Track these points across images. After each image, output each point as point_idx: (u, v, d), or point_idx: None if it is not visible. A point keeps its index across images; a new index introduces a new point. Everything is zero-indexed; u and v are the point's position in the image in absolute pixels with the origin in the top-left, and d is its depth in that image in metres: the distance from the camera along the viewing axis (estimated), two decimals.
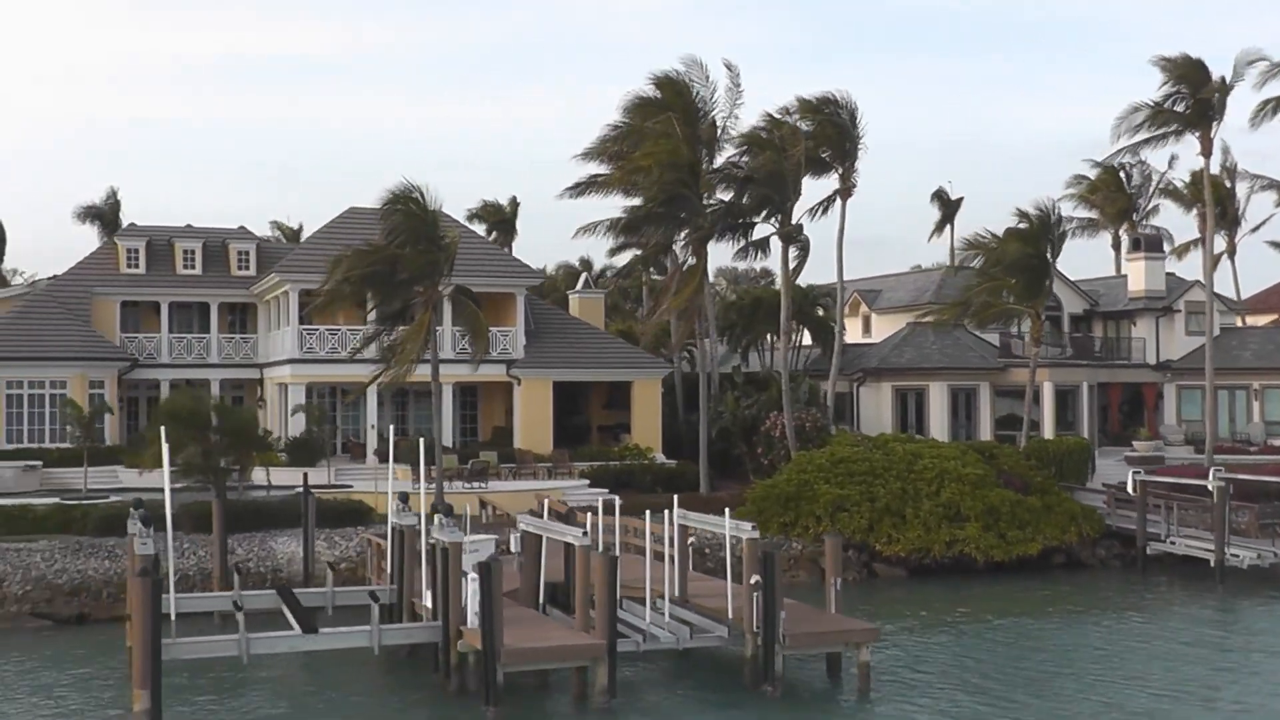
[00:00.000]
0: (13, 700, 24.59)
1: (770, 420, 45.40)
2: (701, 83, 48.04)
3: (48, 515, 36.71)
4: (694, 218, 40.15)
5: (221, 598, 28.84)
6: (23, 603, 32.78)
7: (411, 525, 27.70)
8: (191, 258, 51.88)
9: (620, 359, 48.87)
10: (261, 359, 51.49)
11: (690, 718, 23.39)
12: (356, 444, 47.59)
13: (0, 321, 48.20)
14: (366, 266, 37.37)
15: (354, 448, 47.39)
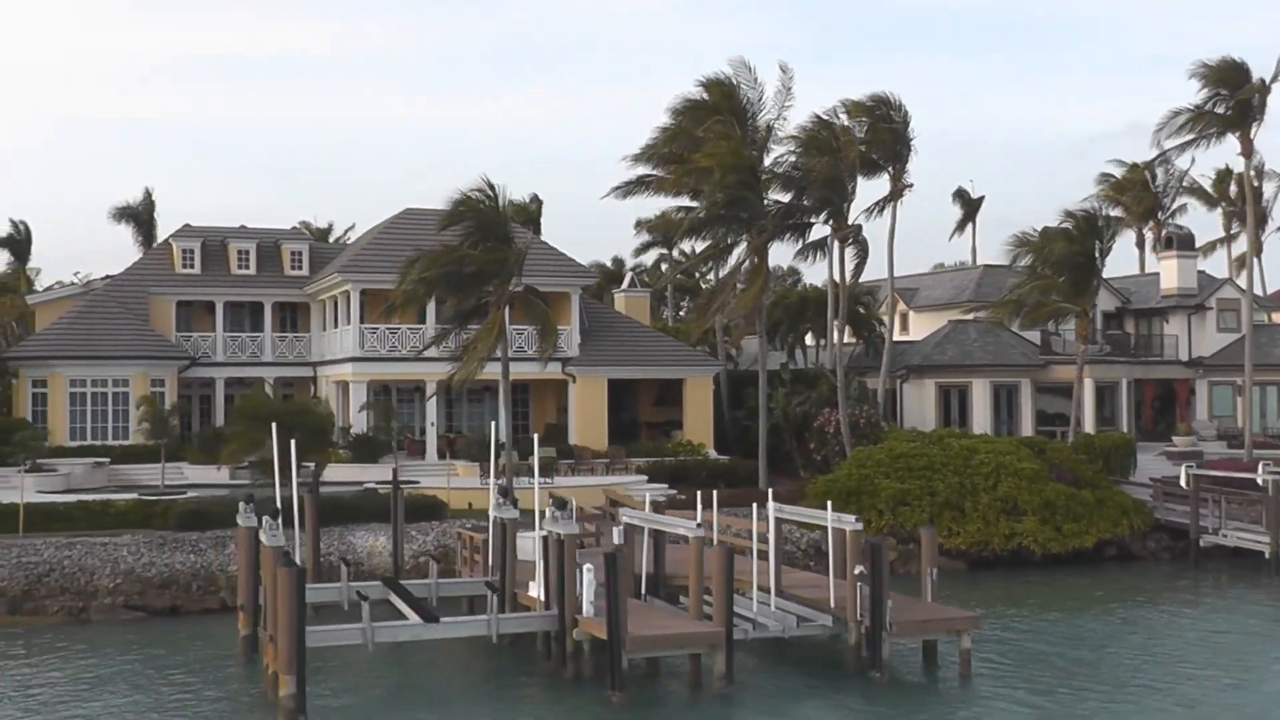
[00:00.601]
0: (147, 690, 25.28)
1: (823, 416, 46.20)
2: (750, 85, 48.93)
3: (128, 511, 37.37)
4: (756, 219, 40.89)
5: (326, 589, 29.53)
6: (115, 595, 33.47)
7: (513, 518, 28.46)
8: (246, 258, 52.55)
9: (672, 357, 49.68)
10: (315, 357, 52.18)
11: (805, 703, 24.13)
12: (414, 441, 48.26)
13: (63, 320, 48.83)
14: (440, 267, 38.04)
15: (411, 444, 48.07)
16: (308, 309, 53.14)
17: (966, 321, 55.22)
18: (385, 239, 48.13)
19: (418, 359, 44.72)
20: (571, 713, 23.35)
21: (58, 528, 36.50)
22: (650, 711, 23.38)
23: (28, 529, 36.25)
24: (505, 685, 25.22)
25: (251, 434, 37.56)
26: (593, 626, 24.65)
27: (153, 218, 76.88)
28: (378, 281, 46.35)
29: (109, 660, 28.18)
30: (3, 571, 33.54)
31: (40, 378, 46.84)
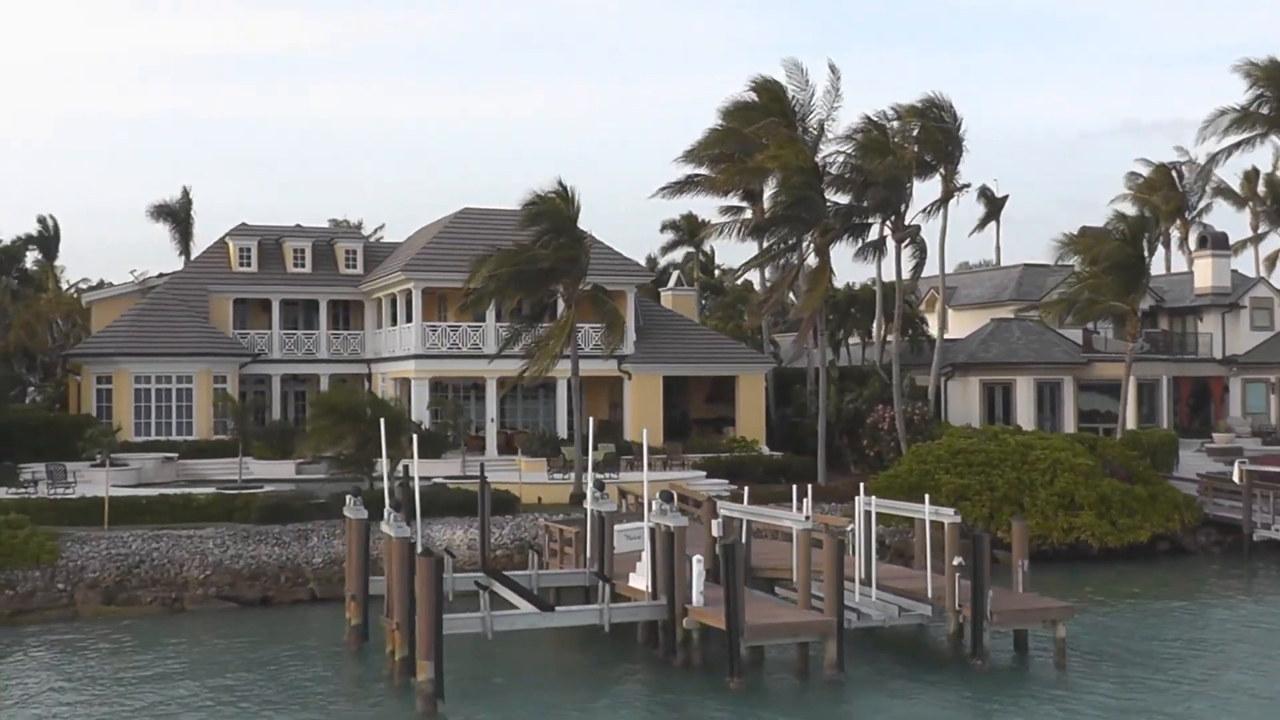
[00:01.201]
0: (272, 678, 26.04)
1: (877, 413, 46.98)
2: (799, 87, 49.77)
3: (209, 504, 38.08)
4: (819, 219, 41.68)
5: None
6: (206, 586, 34.21)
7: (610, 510, 29.25)
8: (302, 256, 53.27)
9: (726, 354, 50.49)
10: (369, 354, 52.90)
11: (912, 689, 24.92)
12: (473, 437, 48.95)
13: (126, 318, 49.53)
14: (512, 265, 38.80)
15: (471, 440, 48.76)
16: (361, 306, 53.87)
17: (1009, 320, 56.04)
18: (446, 238, 48.85)
19: (478, 356, 45.60)
20: (691, 698, 24.09)
21: (141, 520, 37.22)
22: (768, 697, 24.13)
23: (111, 522, 36.97)
24: (617, 672, 25.98)
25: (333, 429, 38.37)
26: (703, 615, 25.44)
27: (189, 216, 77.58)
28: (439, 280, 47.18)
29: (220, 649, 29.00)
30: (94, 563, 34.27)
31: (105, 374, 47.50)
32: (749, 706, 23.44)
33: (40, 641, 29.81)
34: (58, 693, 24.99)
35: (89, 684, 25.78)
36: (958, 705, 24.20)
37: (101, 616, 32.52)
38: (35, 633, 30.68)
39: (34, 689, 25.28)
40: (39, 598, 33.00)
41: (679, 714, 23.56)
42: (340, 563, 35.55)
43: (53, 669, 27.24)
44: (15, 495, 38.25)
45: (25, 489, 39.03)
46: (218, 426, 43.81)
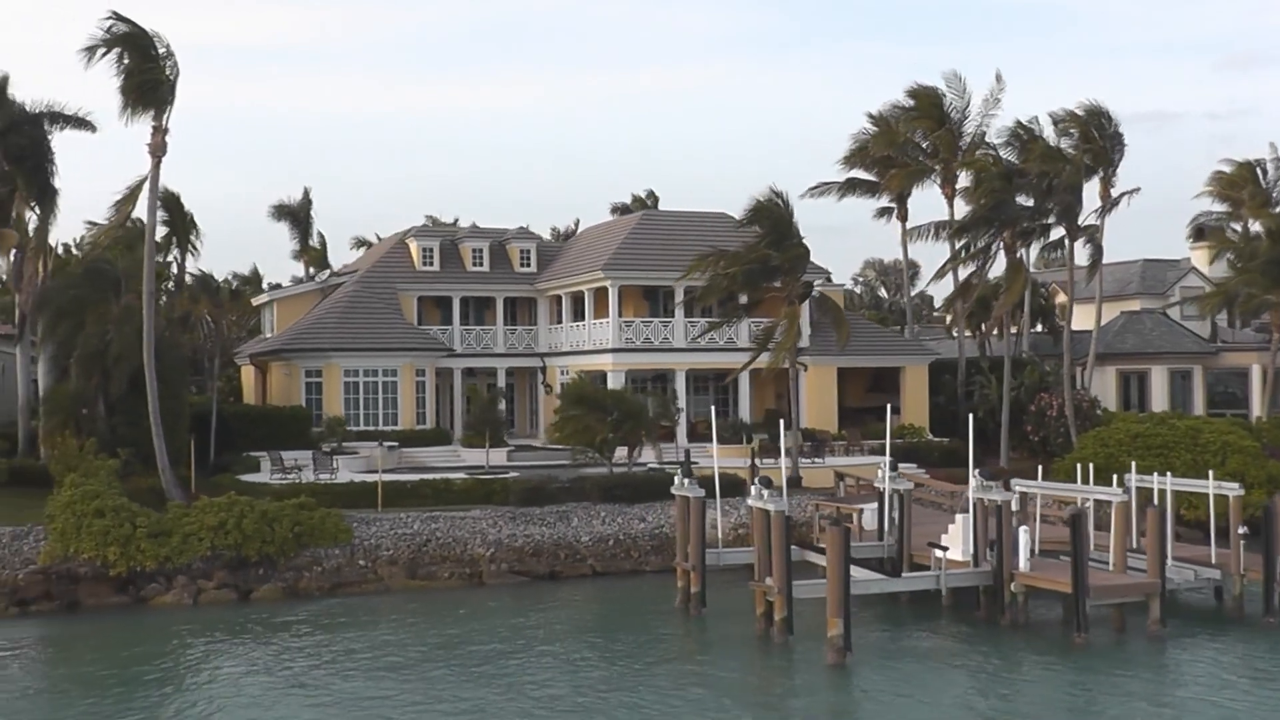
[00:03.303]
0: (632, 639, 29.04)
1: (1043, 400, 50.09)
2: (957, 94, 52.92)
3: (469, 488, 40.89)
4: (1012, 221, 44.80)
5: (742, 552, 33.29)
6: (495, 562, 37.08)
7: (908, 489, 32.37)
8: (480, 256, 56.05)
9: (893, 346, 53.58)
10: (543, 348, 55.77)
11: (1221, 643, 28.10)
12: (664, 426, 51.76)
13: (332, 314, 52.20)
14: (742, 265, 41.79)
15: (661, 430, 51.58)
16: (533, 303, 56.71)
17: (1139, 312, 59.36)
18: (635, 240, 51.69)
19: (668, 350, 48.64)
20: (1039, 653, 27.15)
21: (408, 503, 39.98)
22: (1109, 649, 27.20)
23: (381, 505, 39.74)
24: (952, 628, 29.12)
25: (581, 418, 41.27)
26: (1031, 580, 28.54)
27: (309, 216, 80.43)
28: (633, 279, 50.14)
29: (559, 616, 31.94)
30: (386, 542, 37.15)
31: (315, 368, 50.18)
32: (1096, 657, 26.50)
33: (388, 610, 32.61)
34: (462, 651, 27.87)
35: (477, 643, 28.69)
36: (1270, 655, 27.33)
37: (409, 590, 35.36)
38: (369, 604, 33.44)
39: (423, 651, 28.14)
40: (346, 573, 35.88)
41: (1042, 663, 26.50)
42: (607, 540, 38.70)
43: (436, 633, 30.03)
44: (284, 481, 40.97)
45: (289, 475, 41.71)
46: (481, 417, 46.46)
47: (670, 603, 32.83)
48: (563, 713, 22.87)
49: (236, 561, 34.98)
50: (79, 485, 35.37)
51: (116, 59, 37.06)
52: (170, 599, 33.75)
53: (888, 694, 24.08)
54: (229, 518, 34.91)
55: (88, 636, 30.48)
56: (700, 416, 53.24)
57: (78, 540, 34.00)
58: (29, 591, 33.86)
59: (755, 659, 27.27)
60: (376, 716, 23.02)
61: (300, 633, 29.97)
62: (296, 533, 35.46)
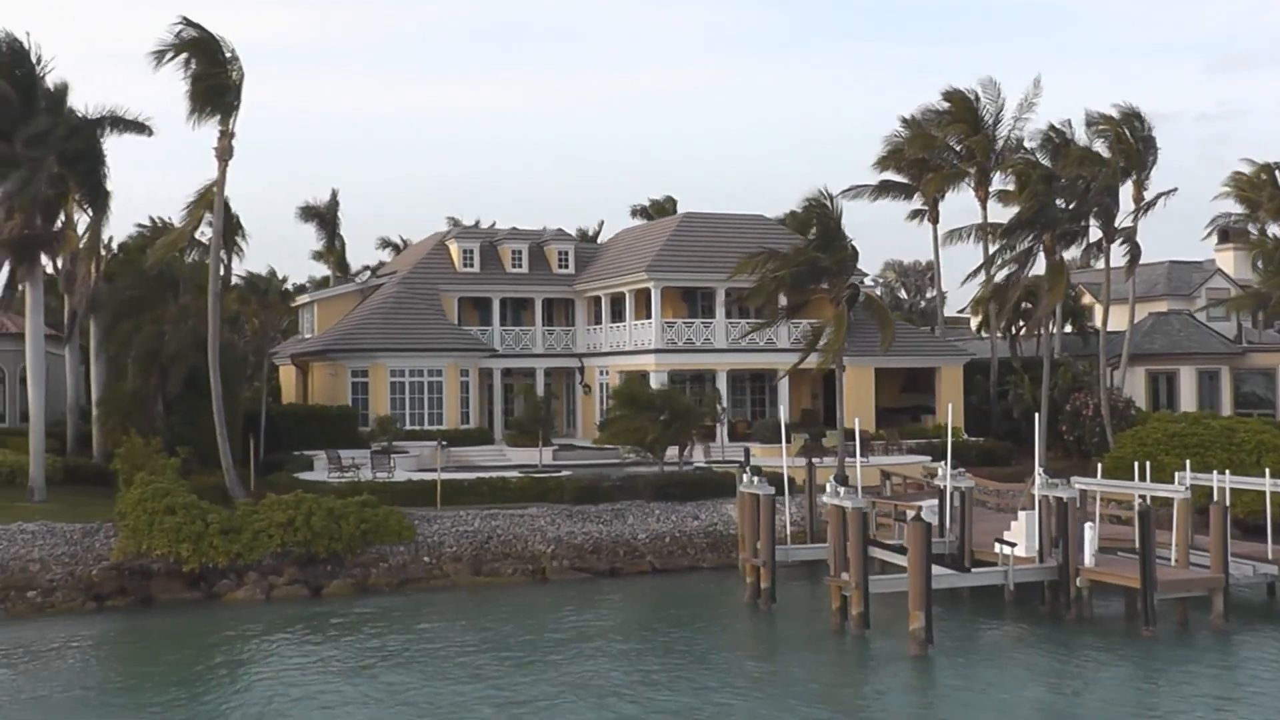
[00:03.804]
0: (707, 633, 29.76)
1: (1079, 400, 50.88)
2: (992, 99, 53.77)
3: (525, 486, 41.54)
4: (1053, 224, 45.61)
5: (816, 548, 34.05)
6: (557, 559, 37.79)
7: (969, 487, 33.12)
8: (519, 257, 56.78)
9: (929, 347, 54.33)
10: (581, 349, 56.47)
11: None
12: (705, 426, 52.49)
13: (377, 315, 52.86)
14: (791, 266, 42.53)
15: (702, 429, 52.31)
16: (569, 304, 57.42)
17: (1166, 313, 60.18)
18: (677, 242, 52.39)
19: (705, 350, 49.47)
20: (1108, 646, 27.86)
21: (466, 501, 40.64)
22: (1176, 643, 27.95)
23: (437, 502, 40.43)
24: (1027, 625, 29.81)
25: (632, 418, 41.98)
26: (1098, 575, 29.31)
27: (336, 218, 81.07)
28: (675, 280, 50.89)
29: (629, 611, 32.70)
30: (449, 539, 37.89)
31: (361, 368, 50.85)
32: (1165, 651, 27.27)
33: (457, 606, 33.32)
34: (547, 642, 28.59)
35: (550, 638, 29.40)
36: None
37: (474, 586, 36.10)
38: (437, 600, 34.19)
39: (509, 642, 28.86)
40: (412, 570, 36.59)
41: (1113, 656, 27.17)
42: (663, 537, 39.47)
43: (509, 627, 30.73)
44: (341, 480, 41.62)
45: (346, 473, 42.38)
46: (531, 416, 47.15)
47: (736, 598, 33.63)
48: (659, 711, 23.43)
49: (305, 558, 35.67)
50: (149, 483, 36.03)
51: (184, 63, 37.67)
52: (243, 595, 34.43)
53: (972, 684, 24.83)
54: (297, 515, 35.56)
55: (164, 631, 31.15)
56: (739, 416, 54.12)
57: (150, 537, 34.65)
58: (103, 587, 34.54)
59: (835, 652, 28.01)
60: (452, 711, 23.50)
61: (373, 628, 30.66)
62: (363, 530, 36.13)
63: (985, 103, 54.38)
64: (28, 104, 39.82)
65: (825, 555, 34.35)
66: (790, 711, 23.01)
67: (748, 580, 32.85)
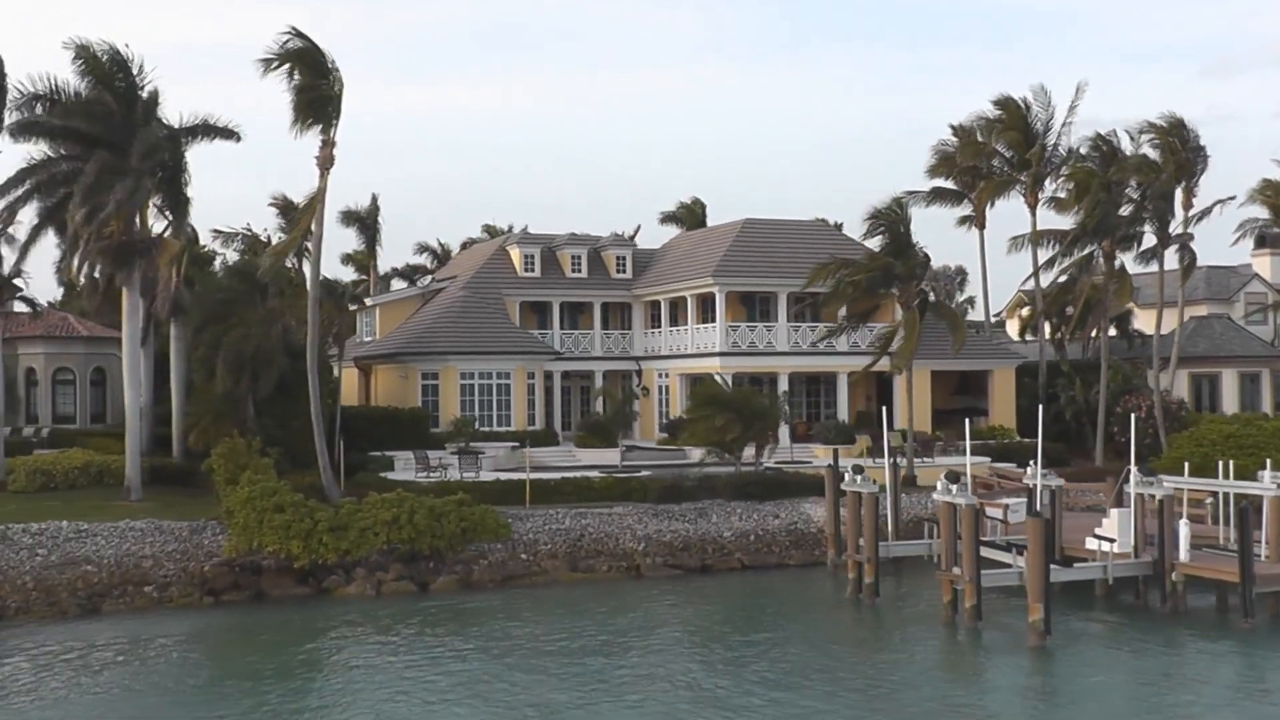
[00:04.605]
0: (825, 627, 30.98)
1: (1131, 401, 52.19)
2: (1042, 107, 55.15)
3: (609, 486, 42.70)
4: (1113, 231, 47.03)
5: (916, 544, 35.30)
6: (649, 556, 38.98)
7: (1059, 485, 34.41)
8: (579, 262, 58.00)
9: (982, 350, 55.63)
10: (638, 352, 57.71)
11: None
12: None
13: (445, 318, 54.04)
14: (866, 272, 43.81)
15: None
16: (625, 308, 58.65)
17: (1207, 317, 61.60)
18: (740, 247, 53.66)
19: (770, 354, 50.70)
20: (1209, 636, 29.20)
21: (552, 500, 41.80)
22: (1274, 633, 29.26)
23: (524, 502, 41.57)
24: (1126, 618, 31.09)
25: (712, 418, 43.19)
26: (1194, 569, 30.60)
27: (377, 222, 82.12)
28: (738, 284, 52.18)
29: (732, 607, 33.89)
30: (543, 537, 39.07)
31: (432, 370, 52.01)
32: (1265, 640, 28.58)
33: (562, 601, 34.43)
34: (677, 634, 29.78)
35: (693, 629, 30.60)
36: None
37: (573, 582, 37.23)
38: (542, 595, 35.29)
39: (629, 634, 30.05)
40: (511, 566, 37.74)
41: (1217, 645, 28.51)
42: (748, 535, 40.71)
43: (624, 622, 31.91)
44: (430, 479, 42.75)
45: (434, 473, 43.51)
46: (615, 417, 48.34)
47: (834, 593, 34.91)
48: (799, 703, 24.56)
49: (409, 555, 36.81)
50: (256, 482, 37.13)
51: (287, 74, 38.79)
52: (353, 590, 35.55)
53: (1094, 671, 26.06)
54: (401, 513, 36.69)
55: (282, 624, 32.13)
56: (797, 418, 55.37)
57: (260, 534, 35.79)
58: (217, 583, 35.67)
59: (955, 643, 29.26)
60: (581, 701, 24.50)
61: (482, 622, 31.68)
62: (463, 528, 37.28)
63: (1036, 110, 55.74)
64: (128, 114, 40.94)
65: (919, 551, 35.92)
66: (938, 700, 24.20)
67: (850, 575, 34.08)
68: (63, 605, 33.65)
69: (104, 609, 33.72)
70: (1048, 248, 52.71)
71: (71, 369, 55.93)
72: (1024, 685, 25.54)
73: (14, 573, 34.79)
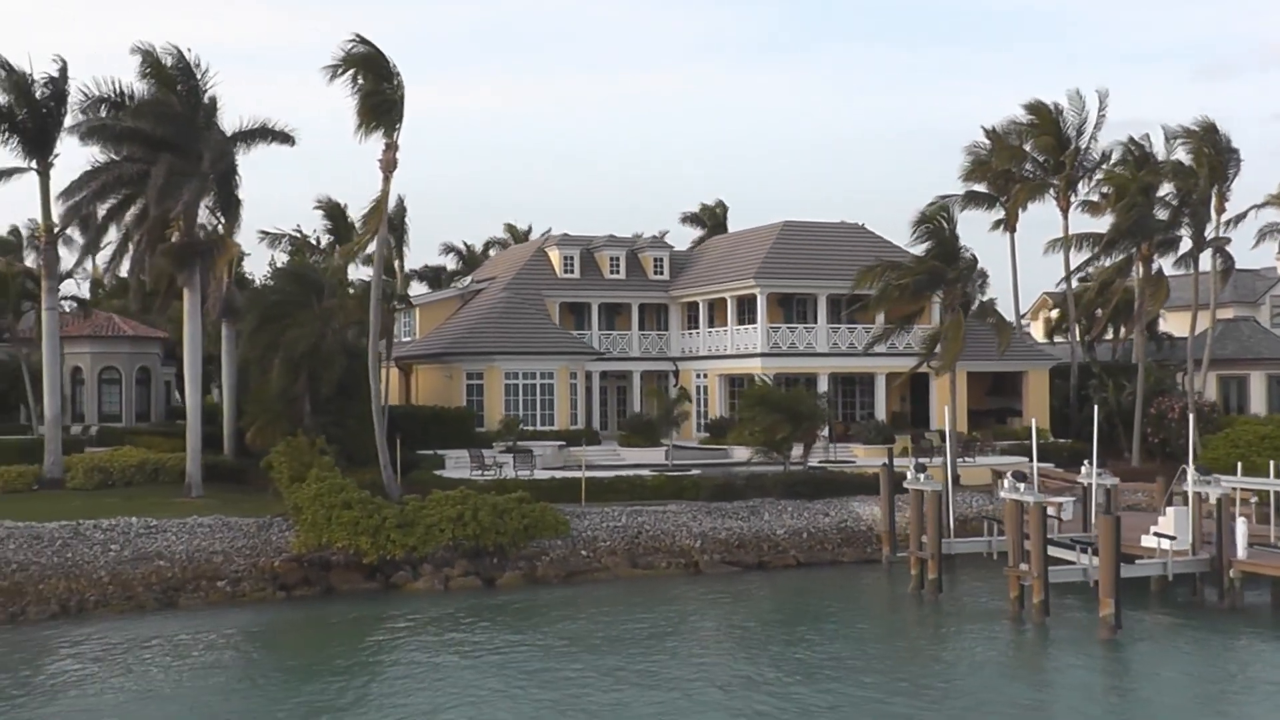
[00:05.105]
0: (893, 619, 31.78)
1: (1163, 403, 53.07)
2: (1076, 112, 56.04)
3: (661, 485, 43.43)
4: (1150, 234, 47.91)
5: (975, 541, 36.12)
6: (706, 553, 39.74)
7: (1113, 484, 35.26)
8: (617, 264, 58.81)
9: (1016, 351, 56.39)
10: (675, 352, 58.51)
11: None
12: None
13: (489, 318, 54.76)
14: (913, 276, 44.62)
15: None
16: (661, 309, 59.45)
17: (1234, 320, 62.52)
18: (780, 250, 54.46)
19: (810, 354, 51.55)
20: (1270, 628, 30.05)
21: (607, 498, 42.52)
22: None
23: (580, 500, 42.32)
24: (1186, 613, 31.92)
25: (763, 418, 43.98)
26: (1250, 566, 31.46)
27: (404, 224, 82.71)
28: (779, 286, 53.00)
29: (798, 603, 34.66)
30: (601, 534, 39.82)
31: (477, 370, 52.75)
32: None
33: (627, 596, 35.15)
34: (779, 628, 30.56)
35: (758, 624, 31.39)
36: None
37: (634, 578, 38.00)
38: (606, 591, 35.99)
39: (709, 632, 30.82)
40: (573, 562, 38.49)
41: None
42: (800, 533, 41.45)
43: (697, 617, 32.71)
44: (486, 478, 43.49)
45: (488, 471, 44.25)
46: (663, 416, 49.10)
47: (891, 589, 35.71)
48: (887, 689, 25.36)
49: (474, 551, 37.55)
50: (324, 479, 37.86)
51: (351, 78, 39.51)
52: (422, 585, 36.29)
53: (1162, 666, 26.97)
54: (465, 510, 37.42)
55: (357, 618, 32.79)
56: (836, 419, 56.16)
57: (329, 530, 36.51)
58: (288, 578, 36.40)
59: (1021, 638, 30.03)
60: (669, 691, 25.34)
61: (551, 617, 32.53)
62: (525, 524, 38.01)
63: (1069, 114, 56.58)
64: (192, 118, 41.65)
65: (978, 548, 36.76)
66: (1017, 692, 25.02)
67: (912, 572, 34.89)
68: (140, 599, 34.39)
69: (180, 603, 34.44)
70: (1085, 249, 53.57)
71: (117, 368, 56.64)
72: (1101, 678, 26.40)
73: (89, 568, 35.48)
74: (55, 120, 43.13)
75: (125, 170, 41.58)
